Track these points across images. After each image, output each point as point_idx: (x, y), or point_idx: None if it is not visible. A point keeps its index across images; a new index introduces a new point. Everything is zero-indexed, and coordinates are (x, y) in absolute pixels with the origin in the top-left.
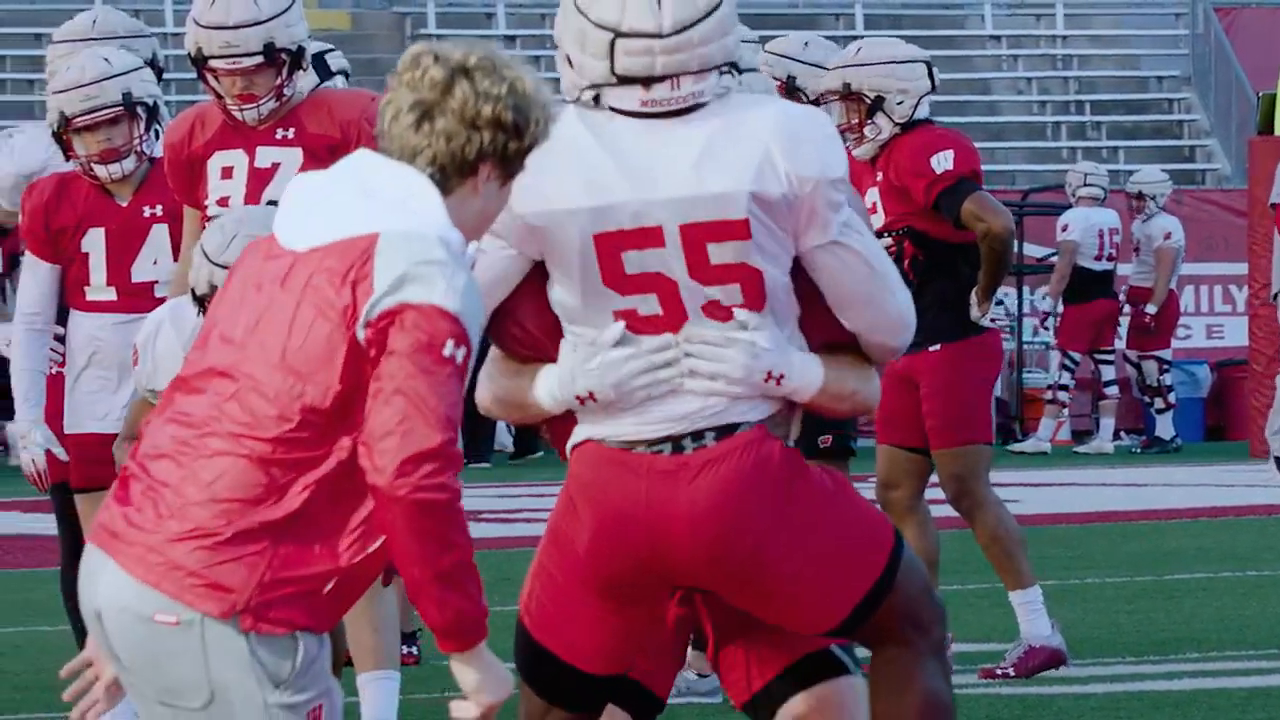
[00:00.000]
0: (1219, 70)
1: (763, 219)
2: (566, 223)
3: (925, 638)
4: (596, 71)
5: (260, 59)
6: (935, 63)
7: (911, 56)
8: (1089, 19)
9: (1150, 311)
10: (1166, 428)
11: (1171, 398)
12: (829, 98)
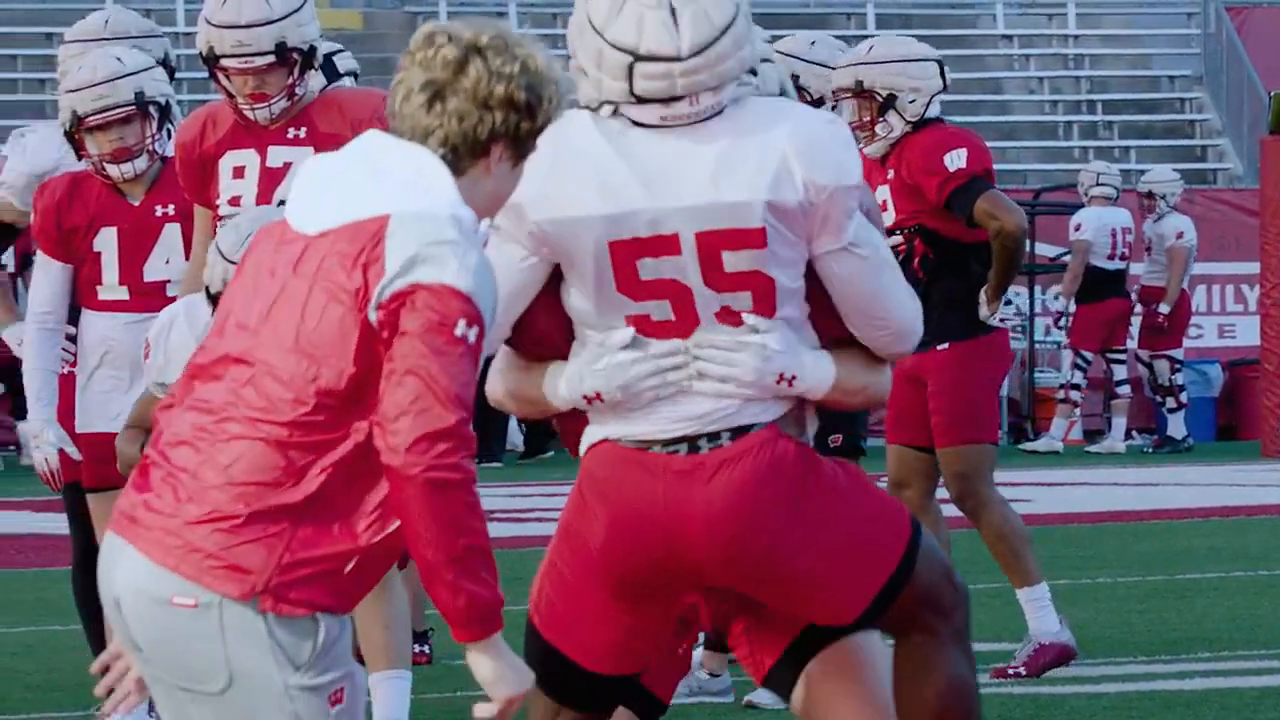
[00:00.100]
0: (1231, 70)
1: (778, 227)
2: (582, 229)
3: (947, 623)
4: (614, 90)
5: (272, 58)
6: (947, 62)
7: (924, 55)
8: (1101, 18)
9: (1163, 311)
10: (1178, 427)
11: (1183, 397)
12: (841, 95)
